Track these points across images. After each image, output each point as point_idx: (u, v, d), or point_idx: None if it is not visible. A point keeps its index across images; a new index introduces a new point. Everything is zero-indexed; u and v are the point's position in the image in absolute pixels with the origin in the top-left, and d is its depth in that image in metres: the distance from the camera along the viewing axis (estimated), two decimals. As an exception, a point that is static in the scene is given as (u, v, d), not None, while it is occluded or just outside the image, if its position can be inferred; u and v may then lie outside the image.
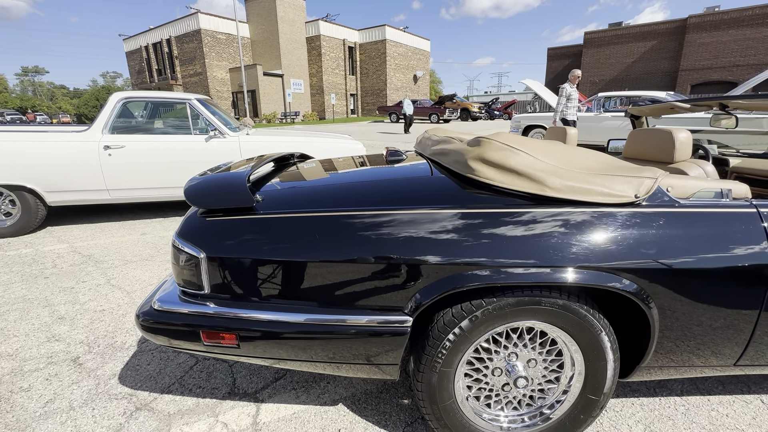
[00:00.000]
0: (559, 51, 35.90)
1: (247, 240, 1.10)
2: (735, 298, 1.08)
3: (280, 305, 1.11)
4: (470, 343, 1.11)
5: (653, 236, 1.06)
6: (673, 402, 1.48)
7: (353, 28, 30.71)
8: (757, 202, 1.12)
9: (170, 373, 1.69)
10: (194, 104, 3.96)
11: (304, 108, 28.80)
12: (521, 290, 1.06)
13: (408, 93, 29.87)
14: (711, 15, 26.54)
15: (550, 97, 11.26)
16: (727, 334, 1.13)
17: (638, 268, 1.04)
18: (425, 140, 1.86)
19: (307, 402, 1.51)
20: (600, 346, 1.12)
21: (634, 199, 1.09)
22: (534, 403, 1.25)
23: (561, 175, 1.10)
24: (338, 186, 1.41)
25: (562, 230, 1.05)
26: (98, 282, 2.63)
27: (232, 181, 1.23)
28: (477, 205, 1.11)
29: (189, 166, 3.93)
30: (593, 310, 1.09)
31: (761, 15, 24.64)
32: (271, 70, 26.57)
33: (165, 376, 1.67)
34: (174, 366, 1.73)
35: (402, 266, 1.05)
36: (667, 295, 1.06)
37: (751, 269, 1.06)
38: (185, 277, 1.17)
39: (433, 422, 1.19)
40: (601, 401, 1.19)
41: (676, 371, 1.23)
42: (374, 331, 1.08)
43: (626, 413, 1.43)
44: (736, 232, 1.07)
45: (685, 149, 1.51)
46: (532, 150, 1.17)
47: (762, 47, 24.59)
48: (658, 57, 28.74)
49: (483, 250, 1.04)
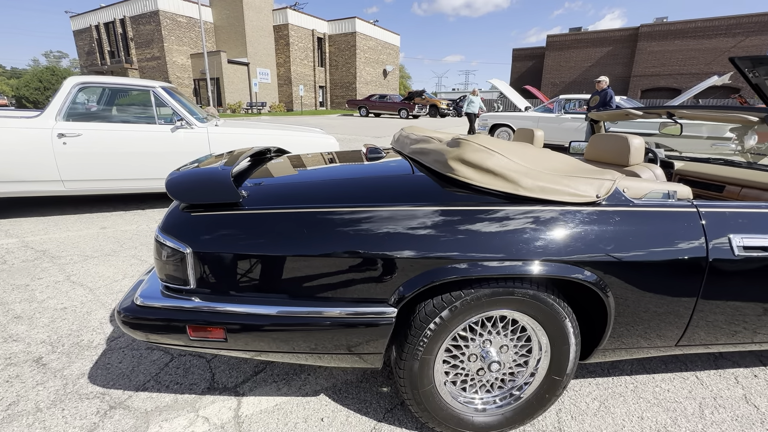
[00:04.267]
0: (524, 52, 37.18)
1: (235, 235, 1.12)
2: (677, 287, 1.23)
3: (269, 299, 1.13)
4: (449, 331, 1.19)
5: (611, 232, 1.18)
6: (624, 381, 1.65)
7: (323, 19, 30.14)
8: (697, 203, 1.28)
9: (144, 370, 1.65)
10: (159, 92, 3.78)
11: (271, 99, 28.00)
12: (496, 282, 1.15)
13: (385, 88, 29.80)
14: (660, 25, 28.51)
15: (515, 97, 11.69)
16: (670, 319, 1.29)
17: (598, 260, 1.16)
18: (403, 138, 1.91)
19: (288, 394, 1.54)
20: (564, 332, 1.24)
21: (595, 199, 1.20)
22: (505, 385, 1.36)
23: (532, 176, 1.20)
24: (324, 182, 1.44)
25: (533, 227, 1.15)
26: (56, 279, 2.49)
27: (218, 177, 1.23)
28: (457, 203, 1.18)
29: (153, 158, 3.76)
30: (559, 299, 1.20)
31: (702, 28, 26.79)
32: (237, 58, 25.56)
33: (139, 373, 1.64)
34: (148, 363, 1.70)
35: (388, 260, 1.11)
36: (621, 285, 1.19)
37: (691, 262, 1.21)
38: (169, 272, 1.16)
39: (414, 407, 1.27)
40: (564, 381, 1.31)
41: (627, 353, 1.38)
42: (363, 322, 1.13)
43: (584, 392, 1.58)
44: (679, 229, 1.22)
45: (639, 154, 1.68)
46: (507, 152, 1.26)
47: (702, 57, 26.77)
48: (613, 62, 30.52)
49: (462, 245, 1.12)
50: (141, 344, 1.83)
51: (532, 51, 36.32)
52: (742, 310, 1.32)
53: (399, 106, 21.40)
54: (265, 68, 27.27)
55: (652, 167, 1.66)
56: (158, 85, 3.84)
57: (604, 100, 6.61)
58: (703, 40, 26.70)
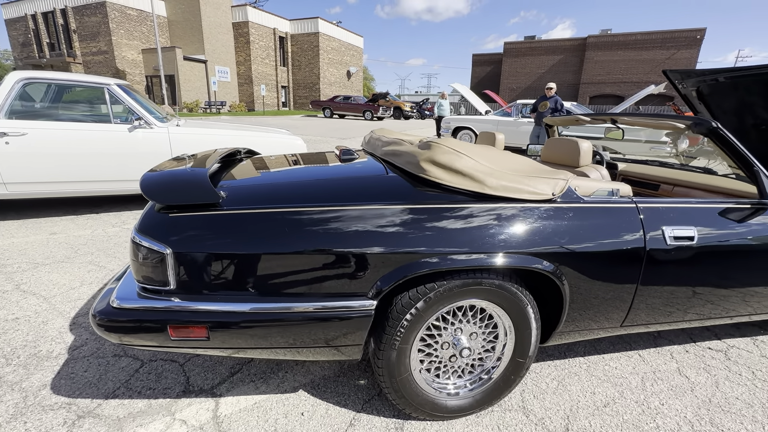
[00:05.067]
0: (483, 58, 38.60)
1: (216, 235, 1.13)
2: (620, 274, 1.40)
3: (252, 297, 1.16)
4: (424, 321, 1.28)
5: (565, 226, 1.32)
6: (578, 361, 1.82)
7: (284, 18, 29.59)
8: (636, 200, 1.46)
9: (113, 377, 1.61)
10: (114, 90, 3.60)
11: (231, 98, 27.08)
12: (466, 273, 1.26)
13: (346, 89, 29.71)
14: (605, 36, 30.68)
15: (475, 101, 12.13)
16: (615, 303, 1.45)
17: (554, 252, 1.29)
18: (374, 140, 1.99)
19: (267, 392, 1.56)
20: (527, 318, 1.36)
21: (551, 197, 1.34)
22: (475, 370, 1.47)
23: (497, 176, 1.32)
24: (302, 183, 1.48)
25: (498, 222, 1.27)
26: (3, 288, 2.32)
27: (195, 178, 1.24)
28: (429, 202, 1.27)
29: (109, 158, 3.58)
30: (521, 287, 1.33)
31: (641, 41, 29.15)
32: (193, 55, 24.49)
33: (107, 381, 1.58)
34: (116, 370, 1.65)
35: (366, 256, 1.17)
36: (574, 273, 1.34)
37: (631, 251, 1.38)
38: (147, 274, 1.15)
39: (392, 394, 1.34)
40: (527, 363, 1.44)
41: (580, 335, 1.53)
42: (343, 316, 1.19)
43: (544, 373, 1.73)
44: (621, 223, 1.38)
45: (588, 156, 1.87)
46: (473, 154, 1.37)
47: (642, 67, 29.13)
48: (563, 70, 32.44)
49: (435, 240, 1.20)
50: (107, 352, 1.76)
51: (490, 57, 37.82)
52: (674, 293, 1.52)
53: (363, 108, 21.47)
54: (224, 66, 26.34)
55: (599, 168, 1.85)
56: (113, 82, 3.65)
57: (555, 106, 7.03)
58: (642, 51, 29.10)
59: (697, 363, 1.84)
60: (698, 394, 1.63)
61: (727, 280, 1.58)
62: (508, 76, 34.57)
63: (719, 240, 1.50)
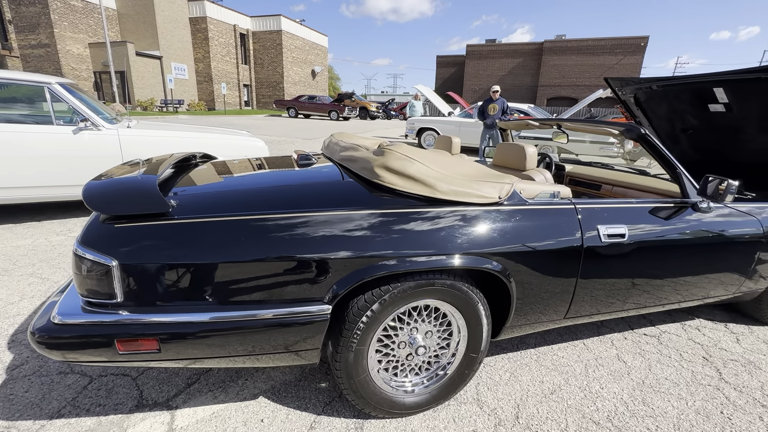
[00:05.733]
0: (447, 59, 39.42)
1: (166, 246, 1.11)
2: (561, 270, 1.51)
3: (205, 306, 1.15)
4: (380, 322, 1.32)
5: (511, 228, 1.41)
6: (529, 353, 1.94)
7: (245, 14, 28.72)
8: (574, 201, 1.58)
9: (58, 396, 1.52)
10: (56, 90, 3.37)
11: (190, 96, 25.92)
12: (420, 275, 1.31)
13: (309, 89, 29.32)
14: (559, 42, 32.27)
15: (439, 102, 12.39)
16: (558, 297, 1.56)
17: (502, 251, 1.38)
18: (333, 145, 2.01)
19: (226, 401, 1.54)
20: (478, 315, 1.44)
21: (498, 200, 1.42)
22: (431, 367, 1.53)
23: (447, 181, 1.38)
24: (255, 189, 1.47)
25: (449, 225, 1.33)
26: (-71, 306, 2.12)
27: (143, 186, 1.20)
28: (382, 206, 1.32)
29: (51, 162, 3.34)
30: (472, 286, 1.40)
31: (592, 47, 30.93)
32: (147, 50, 23.20)
33: (51, 401, 1.50)
34: (62, 388, 1.56)
35: (321, 262, 1.19)
36: (520, 271, 1.43)
37: (571, 249, 1.49)
38: (91, 287, 1.11)
39: (350, 395, 1.37)
40: (479, 357, 1.52)
41: (530, 327, 1.64)
42: (299, 321, 1.20)
43: (497, 366, 1.82)
44: (562, 223, 1.49)
45: (533, 160, 1.99)
46: (425, 160, 1.43)
47: (593, 72, 30.91)
48: (522, 73, 33.79)
49: (389, 244, 1.25)
50: (51, 370, 1.67)
51: (454, 58, 38.70)
52: (612, 285, 1.66)
53: (329, 108, 21.28)
54: (181, 63, 25.15)
55: (543, 171, 1.98)
56: (55, 81, 3.42)
57: (503, 109, 7.31)
58: (593, 56, 30.90)
59: (633, 348, 2.01)
60: (633, 377, 1.79)
61: (658, 271, 1.74)
62: (471, 77, 35.54)
63: (648, 236, 1.66)
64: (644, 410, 1.58)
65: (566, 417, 1.53)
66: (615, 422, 1.51)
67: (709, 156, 3.04)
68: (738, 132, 2.64)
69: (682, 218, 1.76)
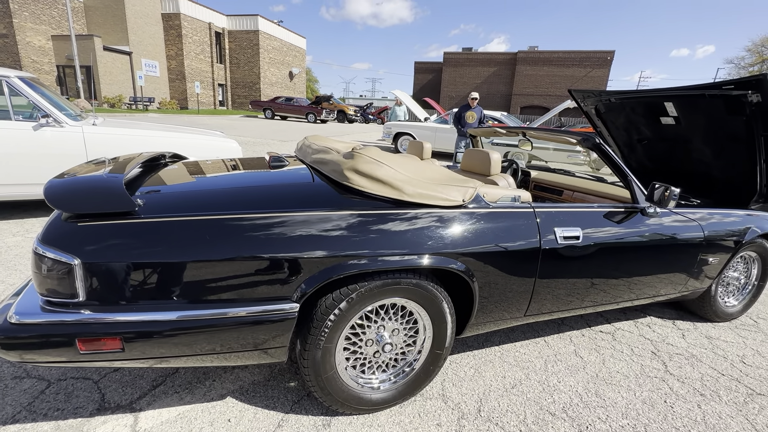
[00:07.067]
0: (424, 66, 40.03)
1: (131, 245, 1.11)
2: (521, 270, 1.60)
3: (170, 305, 1.15)
4: (347, 321, 1.36)
5: (474, 230, 1.48)
6: (494, 350, 2.03)
7: (221, 13, 28.16)
8: (534, 205, 1.67)
9: (12, 401, 1.47)
10: (15, 83, 3.23)
11: (161, 94, 25.09)
12: (386, 274, 1.36)
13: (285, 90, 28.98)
14: (532, 53, 33.44)
15: (415, 108, 12.57)
16: (518, 295, 1.65)
17: (465, 252, 1.45)
18: (306, 147, 2.03)
19: (192, 402, 1.53)
20: (443, 313, 1.50)
21: (462, 203, 1.50)
22: (398, 364, 1.58)
23: (414, 184, 1.44)
24: (224, 189, 1.48)
25: (415, 226, 1.39)
26: None
27: (109, 184, 1.20)
28: (351, 208, 1.36)
29: (8, 160, 3.19)
30: (437, 286, 1.46)
31: (562, 58, 32.23)
32: (115, 45, 22.32)
33: (5, 406, 1.45)
34: (17, 393, 1.51)
35: (289, 261, 1.22)
36: (483, 271, 1.50)
37: (529, 250, 1.58)
38: (52, 286, 1.09)
39: (318, 393, 1.40)
40: (444, 354, 1.58)
41: (493, 325, 1.72)
42: (267, 319, 1.22)
43: (463, 362, 1.90)
44: (521, 226, 1.59)
45: (497, 166, 2.09)
46: (393, 163, 1.49)
47: (564, 83, 32.17)
48: (497, 81, 34.76)
49: (357, 244, 1.29)
50: (5, 374, 1.60)
51: (431, 65, 39.34)
52: (569, 284, 1.76)
53: (306, 110, 21.14)
54: (152, 60, 24.32)
55: (506, 177, 2.09)
56: (13, 74, 3.27)
57: (480, 118, 7.39)
58: (563, 68, 32.21)
59: (590, 344, 2.14)
60: (588, 371, 1.90)
61: (612, 271, 1.86)
62: (448, 84, 36.23)
63: (601, 238, 1.78)
64: (596, 401, 1.69)
65: (525, 409, 1.61)
66: (569, 413, 1.61)
67: (662, 165, 3.27)
68: (686, 143, 2.86)
69: (632, 222, 1.90)
